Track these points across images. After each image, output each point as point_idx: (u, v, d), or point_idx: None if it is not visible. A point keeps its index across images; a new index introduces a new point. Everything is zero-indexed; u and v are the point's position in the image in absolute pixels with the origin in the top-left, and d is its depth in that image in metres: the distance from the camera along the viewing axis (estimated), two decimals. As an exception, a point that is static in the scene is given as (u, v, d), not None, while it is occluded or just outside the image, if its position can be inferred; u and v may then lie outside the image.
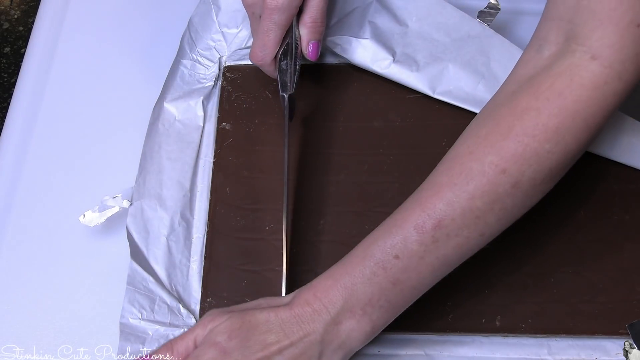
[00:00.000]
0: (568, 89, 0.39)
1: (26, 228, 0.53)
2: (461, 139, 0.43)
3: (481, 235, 0.41)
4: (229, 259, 0.50)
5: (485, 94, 0.55)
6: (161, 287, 0.49)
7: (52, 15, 0.63)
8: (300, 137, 0.55)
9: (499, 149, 0.40)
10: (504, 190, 0.40)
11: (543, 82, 0.40)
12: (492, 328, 0.47)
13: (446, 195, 0.40)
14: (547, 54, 0.41)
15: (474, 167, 0.40)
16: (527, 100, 0.40)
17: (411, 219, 0.41)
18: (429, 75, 0.55)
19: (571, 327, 0.47)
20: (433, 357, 0.47)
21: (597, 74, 0.38)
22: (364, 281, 0.41)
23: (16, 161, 0.56)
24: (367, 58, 0.56)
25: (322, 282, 0.42)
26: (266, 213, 0.52)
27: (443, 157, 0.43)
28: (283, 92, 0.52)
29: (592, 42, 0.39)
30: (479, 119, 0.43)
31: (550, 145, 0.39)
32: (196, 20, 0.60)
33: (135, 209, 0.51)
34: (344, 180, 0.53)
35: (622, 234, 0.50)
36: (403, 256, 0.40)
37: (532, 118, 0.39)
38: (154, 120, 0.55)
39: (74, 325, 0.49)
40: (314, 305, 0.41)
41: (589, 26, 0.39)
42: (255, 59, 0.52)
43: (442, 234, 0.40)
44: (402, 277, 0.40)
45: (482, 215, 0.40)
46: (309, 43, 0.52)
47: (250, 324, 0.41)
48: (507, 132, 0.40)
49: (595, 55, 0.38)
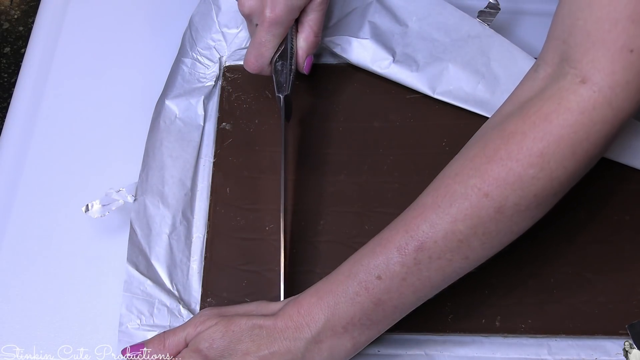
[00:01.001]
0: (555, 113, 0.38)
1: (26, 228, 0.53)
2: (452, 160, 0.42)
3: (465, 258, 0.40)
4: (229, 259, 0.50)
5: (485, 94, 0.55)
6: (160, 288, 0.49)
7: (52, 15, 0.63)
8: (300, 137, 0.55)
9: (483, 172, 0.39)
10: (487, 214, 0.39)
11: (532, 106, 0.39)
12: (492, 328, 0.47)
13: (429, 217, 0.40)
14: (542, 75, 0.41)
15: (458, 190, 0.39)
16: (516, 123, 0.39)
17: (395, 240, 0.40)
18: (428, 76, 0.55)
19: (571, 328, 0.47)
20: (433, 357, 0.47)
21: (586, 99, 0.37)
22: (347, 300, 0.41)
23: (16, 161, 0.56)
24: (367, 58, 0.56)
25: (307, 298, 0.42)
26: (266, 213, 0.52)
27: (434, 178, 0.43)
28: (279, 92, 0.51)
29: (583, 64, 0.37)
30: (472, 140, 0.43)
31: (535, 171, 0.38)
32: (197, 20, 0.60)
33: (138, 205, 0.51)
34: (343, 181, 0.53)
35: (622, 234, 0.50)
36: (385, 277, 0.40)
37: (518, 142, 0.38)
38: (155, 117, 0.55)
39: (74, 325, 0.49)
40: (297, 322, 0.41)
41: (582, 48, 0.38)
42: (250, 67, 0.52)
43: (424, 256, 0.40)
44: (384, 298, 0.41)
45: (465, 239, 0.39)
46: (306, 57, 0.53)
47: (234, 333, 0.42)
48: (492, 155, 0.39)
49: (585, 79, 0.37)
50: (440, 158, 0.53)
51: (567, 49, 0.39)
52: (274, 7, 0.48)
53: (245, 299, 0.49)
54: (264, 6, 0.49)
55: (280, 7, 0.48)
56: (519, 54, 0.55)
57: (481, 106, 0.55)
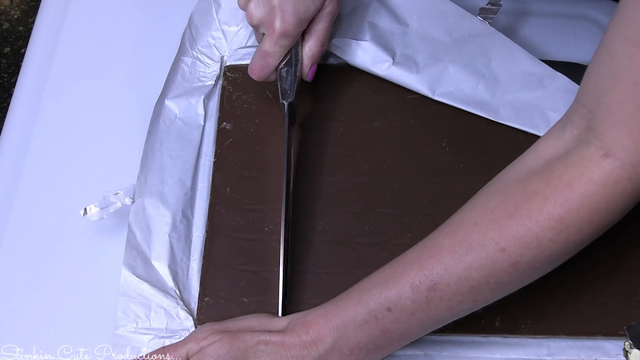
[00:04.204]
0: (577, 181, 0.39)
1: (26, 228, 0.53)
2: (470, 203, 0.43)
3: (474, 302, 0.41)
4: (227, 258, 0.50)
5: (485, 95, 0.55)
6: (157, 290, 0.48)
7: (52, 15, 0.63)
8: (301, 137, 0.55)
9: (502, 227, 0.40)
10: (501, 267, 0.40)
11: (556, 169, 0.40)
12: (492, 329, 0.47)
13: (445, 260, 0.40)
14: (568, 136, 0.41)
15: (476, 239, 0.40)
16: (538, 184, 0.40)
17: (409, 276, 0.41)
18: (428, 77, 0.55)
19: (571, 328, 0.47)
20: (432, 357, 0.47)
21: (608, 172, 0.38)
22: (355, 326, 0.42)
23: (16, 161, 0.56)
24: (367, 60, 0.56)
25: (317, 319, 0.43)
26: (266, 213, 0.52)
27: (450, 217, 0.43)
28: (283, 99, 0.52)
29: (607, 139, 0.38)
30: (492, 187, 0.43)
31: (553, 234, 0.39)
32: (196, 17, 0.60)
33: (137, 207, 0.51)
34: (344, 181, 0.53)
35: (622, 236, 0.50)
36: (395, 310, 0.41)
37: (539, 203, 0.39)
38: (155, 117, 0.55)
39: (74, 325, 0.49)
40: (304, 340, 0.42)
41: (606, 124, 0.39)
42: (255, 75, 0.52)
43: (435, 296, 0.40)
44: (392, 328, 0.42)
45: (477, 285, 0.40)
46: (311, 65, 0.53)
47: (239, 349, 0.42)
48: (513, 211, 0.40)
49: (608, 153, 0.38)
50: (440, 158, 0.54)
51: (593, 120, 0.39)
52: (284, 20, 0.49)
53: (243, 299, 0.49)
54: (273, 18, 0.49)
55: (289, 20, 0.49)
56: (520, 53, 0.55)
57: (481, 107, 0.54)
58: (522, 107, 0.54)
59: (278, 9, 0.49)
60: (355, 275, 0.45)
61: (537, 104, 0.54)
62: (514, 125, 0.54)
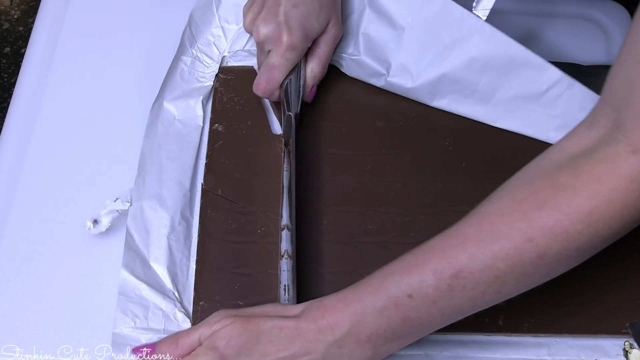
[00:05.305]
0: (606, 176, 0.39)
1: (26, 228, 0.53)
2: (495, 195, 0.43)
3: (497, 293, 0.41)
4: (221, 262, 0.50)
5: (482, 100, 0.54)
6: (156, 291, 0.48)
7: (52, 15, 0.63)
8: (303, 137, 0.55)
9: (530, 218, 0.40)
10: (528, 258, 0.40)
11: (585, 164, 0.40)
12: (495, 327, 0.47)
13: (470, 249, 0.40)
14: (595, 134, 0.42)
15: (503, 230, 0.40)
16: (567, 177, 0.40)
17: (431, 263, 0.41)
18: (424, 87, 0.54)
19: (574, 327, 0.47)
20: (433, 357, 0.47)
21: (637, 168, 0.39)
22: (374, 312, 0.41)
23: (16, 161, 0.56)
24: (363, 74, 0.56)
25: (333, 303, 0.42)
26: (258, 216, 0.52)
27: (474, 210, 0.43)
28: (289, 111, 0.53)
29: (634, 137, 0.39)
30: (518, 180, 0.43)
31: (582, 227, 0.39)
32: (197, 14, 0.60)
33: (135, 210, 0.51)
34: (346, 180, 0.53)
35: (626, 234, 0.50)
36: (416, 296, 0.40)
37: (568, 196, 0.39)
38: (152, 121, 0.55)
39: (74, 325, 0.49)
40: (320, 325, 0.41)
41: (634, 123, 0.39)
42: (260, 90, 0.53)
43: (458, 284, 0.40)
44: (412, 316, 0.41)
45: (502, 275, 0.40)
46: (312, 86, 0.55)
47: (253, 332, 0.41)
48: (542, 204, 0.40)
49: (636, 150, 0.39)
50: (442, 158, 0.54)
51: (620, 119, 0.40)
52: (291, 34, 0.51)
53: (239, 302, 0.48)
54: (280, 32, 0.51)
55: (296, 34, 0.51)
56: (518, 49, 0.53)
57: (478, 114, 0.55)
58: (520, 110, 0.54)
59: (285, 25, 0.51)
60: (359, 274, 0.45)
61: (535, 105, 0.53)
62: (511, 130, 0.54)
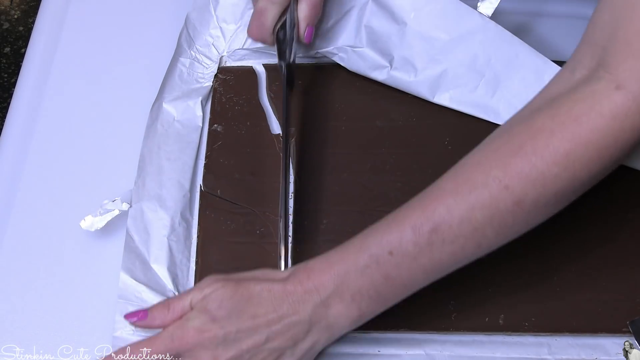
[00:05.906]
0: (585, 116, 0.38)
1: (26, 228, 0.53)
2: (475, 148, 0.43)
3: (477, 246, 0.41)
4: (219, 263, 0.50)
5: (485, 96, 0.54)
6: (156, 293, 0.48)
7: (52, 15, 0.63)
8: (303, 136, 0.55)
9: (506, 165, 0.39)
10: (505, 206, 0.39)
11: (562, 105, 0.39)
12: (496, 327, 0.47)
13: (447, 202, 0.40)
14: (577, 77, 0.41)
15: (479, 179, 0.40)
16: (544, 120, 0.39)
17: (410, 219, 0.41)
18: (427, 81, 0.55)
19: (574, 326, 0.47)
20: (433, 357, 0.47)
21: (619, 105, 0.38)
22: (357, 271, 0.41)
23: (16, 161, 0.56)
24: (365, 67, 0.56)
25: (318, 265, 0.42)
26: (257, 216, 0.52)
27: (455, 164, 0.43)
28: (281, 60, 0.52)
29: (619, 71, 0.38)
30: (497, 131, 0.43)
31: (559, 170, 0.38)
32: (194, 16, 0.59)
33: (135, 211, 0.51)
34: (346, 180, 0.53)
35: (625, 233, 0.50)
36: (397, 253, 0.41)
37: (545, 139, 0.39)
38: (152, 122, 0.55)
39: (74, 325, 0.49)
40: (306, 286, 0.42)
41: (621, 56, 0.38)
42: (252, 35, 0.53)
43: (437, 239, 0.40)
44: (394, 274, 0.41)
45: (480, 227, 0.40)
46: (307, 27, 0.53)
47: (242, 295, 0.42)
48: (518, 149, 0.39)
49: (620, 85, 0.38)
50: (442, 157, 0.54)
51: (605, 55, 0.39)
52: None
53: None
54: None
55: None
56: (520, 46, 0.54)
57: (481, 110, 0.54)
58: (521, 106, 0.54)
59: None
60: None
61: None
62: None
